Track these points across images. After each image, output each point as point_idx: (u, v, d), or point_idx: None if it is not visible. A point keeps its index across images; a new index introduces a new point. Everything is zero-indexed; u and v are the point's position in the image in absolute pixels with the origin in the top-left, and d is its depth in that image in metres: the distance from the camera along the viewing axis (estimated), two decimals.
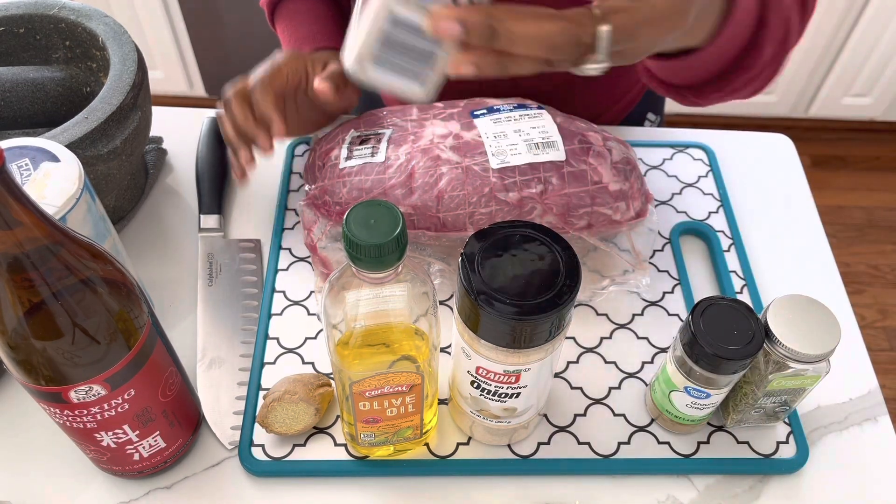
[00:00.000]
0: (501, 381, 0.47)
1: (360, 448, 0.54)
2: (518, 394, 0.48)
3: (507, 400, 0.49)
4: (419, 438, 0.54)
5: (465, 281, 0.42)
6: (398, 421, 0.50)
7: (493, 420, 0.52)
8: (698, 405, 0.53)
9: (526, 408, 0.50)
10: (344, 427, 0.53)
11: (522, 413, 0.51)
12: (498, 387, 0.48)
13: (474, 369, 0.47)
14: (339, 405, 0.50)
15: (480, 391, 0.49)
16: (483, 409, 0.51)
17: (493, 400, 0.49)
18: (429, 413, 0.52)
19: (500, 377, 0.46)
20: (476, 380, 0.48)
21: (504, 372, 0.46)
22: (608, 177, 0.61)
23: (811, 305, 0.50)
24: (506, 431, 0.54)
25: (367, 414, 0.48)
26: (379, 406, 0.48)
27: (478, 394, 0.49)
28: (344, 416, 0.51)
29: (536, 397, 0.50)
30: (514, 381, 0.47)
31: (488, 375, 0.47)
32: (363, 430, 0.50)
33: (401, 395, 0.47)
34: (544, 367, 0.47)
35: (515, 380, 0.47)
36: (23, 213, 0.35)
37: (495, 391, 0.48)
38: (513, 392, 0.48)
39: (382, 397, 0.47)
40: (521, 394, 0.48)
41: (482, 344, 0.44)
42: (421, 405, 0.49)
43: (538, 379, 0.48)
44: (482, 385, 0.48)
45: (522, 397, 0.49)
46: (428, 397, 0.49)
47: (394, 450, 0.54)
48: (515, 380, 0.47)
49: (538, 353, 0.45)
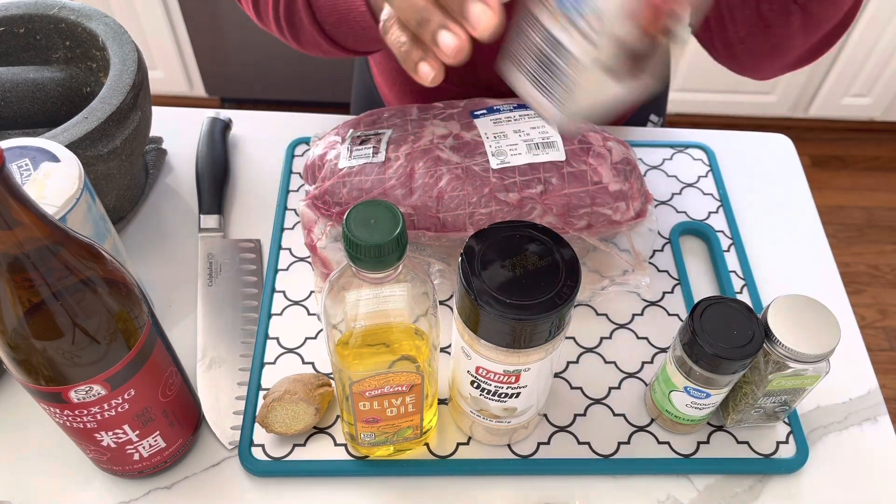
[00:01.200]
0: (501, 381, 0.47)
1: (360, 448, 0.54)
2: (518, 394, 0.48)
3: (507, 400, 0.49)
4: (419, 438, 0.54)
5: (465, 281, 0.42)
6: (398, 421, 0.50)
7: (493, 420, 0.52)
8: (698, 405, 0.53)
9: (526, 407, 0.50)
10: (344, 427, 0.53)
11: (522, 413, 0.51)
12: (498, 387, 0.48)
13: (474, 369, 0.47)
14: (339, 405, 0.50)
15: (480, 391, 0.49)
16: (483, 409, 0.51)
17: (492, 400, 0.49)
18: (429, 413, 0.52)
19: (500, 377, 0.47)
20: (476, 380, 0.48)
21: (504, 372, 0.46)
22: (608, 177, 0.61)
23: (811, 305, 0.50)
24: (506, 431, 0.54)
25: (367, 414, 0.48)
26: (379, 406, 0.48)
27: (478, 394, 0.49)
28: (344, 416, 0.51)
29: (536, 397, 0.50)
30: (514, 381, 0.47)
31: (488, 375, 0.47)
32: (363, 430, 0.50)
33: (401, 395, 0.47)
34: (544, 366, 0.47)
35: (515, 380, 0.47)
36: (23, 213, 0.35)
37: (495, 391, 0.48)
38: (513, 392, 0.48)
39: (382, 397, 0.47)
40: (521, 394, 0.48)
41: (482, 344, 0.44)
42: (421, 405, 0.49)
43: (538, 379, 0.48)
44: (482, 385, 0.48)
45: (522, 397, 0.49)
46: (428, 397, 0.49)
47: (394, 450, 0.54)
48: (515, 380, 0.47)
49: (538, 354, 0.45)
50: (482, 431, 0.54)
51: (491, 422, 0.52)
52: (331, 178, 0.61)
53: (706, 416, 0.55)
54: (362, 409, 0.48)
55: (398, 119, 0.64)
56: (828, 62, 1.80)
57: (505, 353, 0.44)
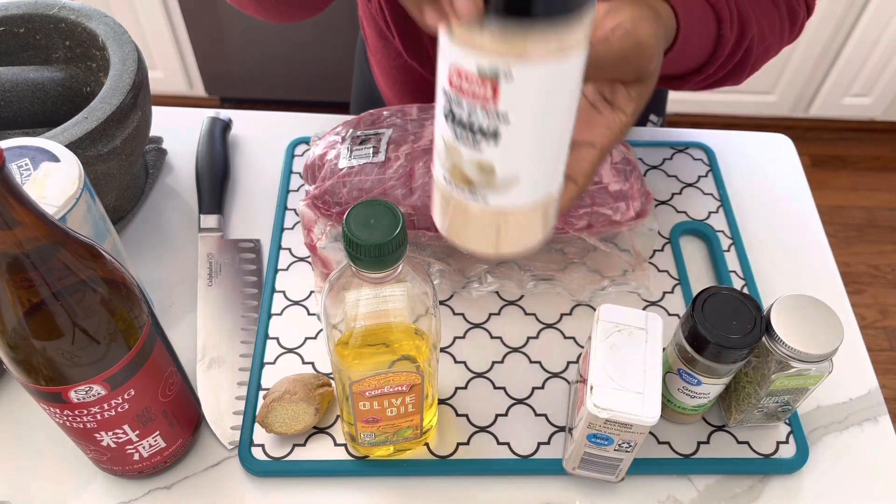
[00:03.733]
0: (477, 94, 0.31)
1: (360, 448, 0.54)
2: (496, 131, 0.32)
3: (482, 143, 0.33)
4: (419, 438, 0.54)
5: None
6: (398, 421, 0.50)
7: (467, 190, 0.36)
8: (689, 392, 0.53)
9: (511, 173, 0.34)
10: (344, 427, 0.53)
11: (505, 185, 0.35)
12: (471, 107, 0.32)
13: (448, 74, 0.32)
14: (339, 405, 0.50)
15: (452, 124, 0.34)
16: (455, 167, 0.35)
17: (465, 145, 0.34)
18: (429, 413, 0.52)
19: (476, 86, 0.31)
20: (449, 97, 0.33)
21: (479, 75, 0.31)
22: (608, 177, 0.61)
23: (813, 305, 0.50)
24: (488, 224, 0.37)
25: (367, 414, 0.48)
26: (379, 406, 0.48)
27: (450, 131, 0.34)
28: (344, 416, 0.51)
29: (532, 153, 0.34)
30: (492, 95, 0.31)
31: (462, 84, 0.32)
32: (363, 429, 0.50)
33: (401, 395, 0.47)
34: (545, 88, 0.31)
35: (493, 94, 0.31)
36: (23, 213, 0.35)
37: (469, 121, 0.33)
38: (490, 125, 0.32)
39: (382, 397, 0.47)
40: (499, 134, 0.32)
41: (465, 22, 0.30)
42: (421, 405, 0.49)
43: (531, 113, 0.32)
44: (453, 107, 0.33)
45: (505, 145, 0.33)
46: (428, 397, 0.49)
47: (394, 450, 0.54)
48: (493, 94, 0.31)
49: (535, 42, 0.29)
50: (459, 222, 0.38)
51: (465, 192, 0.36)
52: (331, 178, 0.61)
53: (700, 408, 0.55)
54: (362, 409, 0.48)
55: (398, 119, 0.64)
56: (828, 62, 1.80)
57: (491, 33, 0.29)
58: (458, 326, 0.62)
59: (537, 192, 0.36)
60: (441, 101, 0.34)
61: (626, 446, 0.48)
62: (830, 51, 1.77)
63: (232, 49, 1.85)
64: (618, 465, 0.51)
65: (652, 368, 0.47)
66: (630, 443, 0.48)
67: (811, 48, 1.76)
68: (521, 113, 0.32)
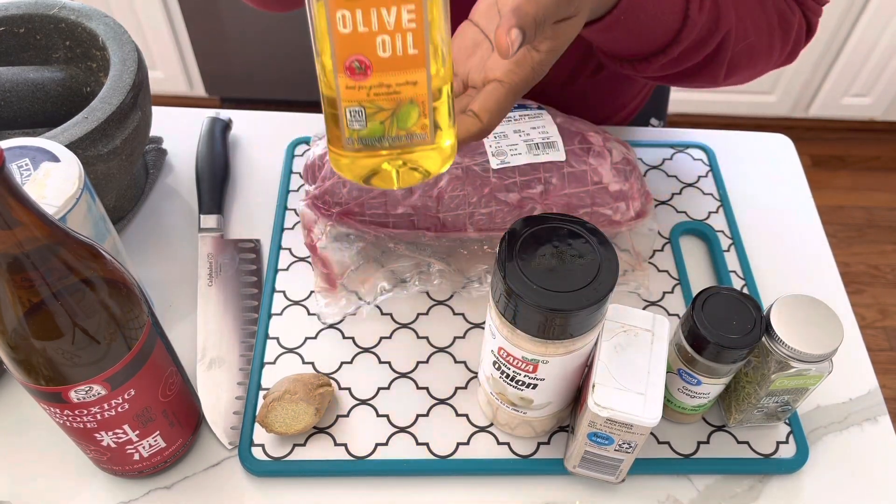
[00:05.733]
0: (520, 367, 0.48)
1: (347, 153, 0.39)
2: (535, 385, 0.49)
3: (524, 389, 0.49)
4: (431, 144, 0.39)
5: (501, 258, 0.43)
6: (395, 73, 0.37)
7: (510, 407, 0.52)
8: (689, 391, 0.53)
9: (543, 403, 0.51)
10: (326, 119, 0.40)
11: (539, 408, 0.51)
12: (516, 372, 0.48)
13: (497, 349, 0.48)
14: (317, 47, 0.37)
15: (500, 374, 0.50)
16: (502, 393, 0.51)
17: (511, 385, 0.50)
18: (445, 122, 0.40)
19: (519, 363, 0.47)
20: (497, 361, 0.49)
21: (523, 359, 0.47)
22: (608, 177, 0.61)
23: (814, 305, 0.50)
24: (522, 422, 0.54)
25: (350, 46, 0.36)
26: (365, 27, 0.35)
27: (498, 375, 0.50)
28: (323, 78, 0.38)
29: (554, 395, 0.50)
30: (532, 370, 0.47)
31: (508, 358, 0.48)
32: (349, 94, 0.37)
33: (395, 5, 0.35)
34: (564, 364, 0.47)
35: (533, 369, 0.47)
36: (23, 213, 0.35)
37: (513, 377, 0.49)
38: (530, 382, 0.48)
39: (368, 6, 0.35)
40: (538, 386, 0.49)
41: (506, 325, 0.45)
42: (425, 46, 0.36)
43: (557, 376, 0.48)
44: (502, 367, 0.49)
45: (540, 390, 0.49)
46: (437, 51, 0.37)
47: (401, 163, 0.40)
48: (533, 369, 0.47)
49: (557, 348, 0.45)
50: (504, 416, 0.54)
51: (508, 408, 0.53)
52: (331, 177, 0.61)
53: (699, 408, 0.55)
54: (343, 31, 0.35)
55: None
56: (828, 62, 1.80)
57: (526, 340, 0.45)
58: (458, 326, 0.62)
59: (558, 407, 0.53)
60: (489, 358, 0.50)
61: (627, 447, 0.48)
62: (830, 51, 1.78)
63: (232, 49, 1.85)
64: (618, 465, 0.51)
65: (655, 370, 0.47)
66: (630, 443, 0.48)
67: (811, 48, 1.76)
68: (549, 376, 0.48)
